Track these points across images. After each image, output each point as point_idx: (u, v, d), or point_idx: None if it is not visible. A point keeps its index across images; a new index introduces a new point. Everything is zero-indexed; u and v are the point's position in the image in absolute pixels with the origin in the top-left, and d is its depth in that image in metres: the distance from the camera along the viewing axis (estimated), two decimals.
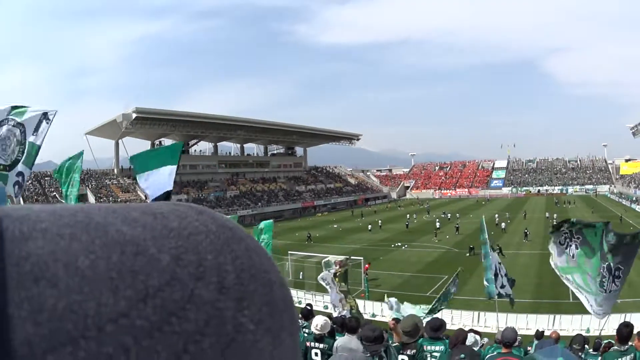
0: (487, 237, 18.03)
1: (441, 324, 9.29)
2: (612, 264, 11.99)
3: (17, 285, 0.38)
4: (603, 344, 11.35)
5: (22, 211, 0.44)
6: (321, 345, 9.18)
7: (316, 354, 9.19)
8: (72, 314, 0.37)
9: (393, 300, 19.18)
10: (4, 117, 11.22)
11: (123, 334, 0.38)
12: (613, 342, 9.75)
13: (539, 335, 15.25)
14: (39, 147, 11.46)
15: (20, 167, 11.25)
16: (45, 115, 11.54)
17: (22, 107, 11.48)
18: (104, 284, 0.40)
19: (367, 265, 38.14)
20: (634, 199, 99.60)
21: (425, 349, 8.36)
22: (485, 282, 17.72)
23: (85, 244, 0.42)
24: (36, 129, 11.52)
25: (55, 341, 0.36)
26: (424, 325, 9.37)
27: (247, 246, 0.52)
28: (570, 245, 12.56)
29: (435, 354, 8.59)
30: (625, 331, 8.50)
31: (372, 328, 8.10)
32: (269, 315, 0.49)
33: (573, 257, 12.57)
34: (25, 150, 11.36)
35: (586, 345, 12.49)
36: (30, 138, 11.47)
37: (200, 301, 0.43)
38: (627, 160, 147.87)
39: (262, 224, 17.55)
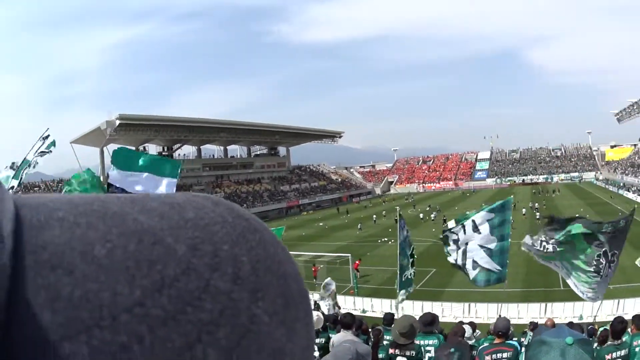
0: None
1: (433, 318, 9.27)
2: (608, 250, 12.06)
3: (34, 273, 0.38)
4: (600, 331, 11.26)
5: (39, 200, 0.45)
6: (317, 340, 9.06)
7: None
8: (87, 303, 0.37)
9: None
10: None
11: (138, 323, 0.38)
12: (608, 329, 9.72)
13: (534, 326, 15.15)
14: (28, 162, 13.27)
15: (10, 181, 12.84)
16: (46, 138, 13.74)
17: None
18: (120, 273, 0.40)
19: (357, 262, 38.00)
20: (621, 184, 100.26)
21: (418, 343, 8.25)
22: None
23: (102, 233, 0.42)
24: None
25: (72, 329, 0.36)
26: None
27: (262, 237, 0.51)
28: (548, 244, 12.67)
29: (429, 348, 8.55)
30: (619, 327, 8.55)
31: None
32: (284, 307, 0.49)
33: (552, 250, 12.67)
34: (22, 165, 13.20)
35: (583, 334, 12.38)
36: (29, 156, 13.28)
37: (215, 291, 0.43)
38: (612, 147, 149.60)
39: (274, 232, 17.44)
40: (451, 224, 15.51)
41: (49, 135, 13.77)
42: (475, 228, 14.96)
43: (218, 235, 0.48)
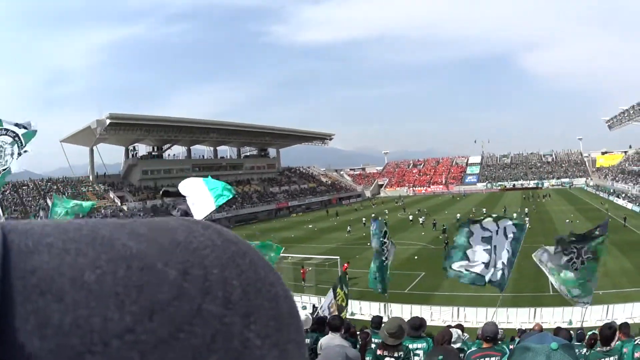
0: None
1: (421, 322, 9.28)
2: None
3: (23, 299, 0.38)
4: (588, 335, 11.20)
5: (27, 225, 0.44)
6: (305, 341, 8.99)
7: None
8: (78, 329, 0.37)
9: None
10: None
11: (129, 349, 0.38)
12: (597, 332, 9.71)
13: (522, 333, 15.09)
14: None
15: None
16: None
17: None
18: (110, 299, 0.40)
19: (345, 265, 37.87)
20: (611, 191, 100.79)
21: (408, 347, 8.12)
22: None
23: (91, 259, 0.42)
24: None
25: (61, 356, 0.36)
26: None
27: (251, 260, 0.52)
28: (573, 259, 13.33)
29: (417, 351, 8.54)
30: (608, 333, 8.48)
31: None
32: (276, 330, 0.49)
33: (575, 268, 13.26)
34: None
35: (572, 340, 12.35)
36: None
37: (207, 316, 0.43)
38: (603, 153, 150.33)
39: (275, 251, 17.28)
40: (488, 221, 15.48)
41: (27, 127, 13.13)
42: (505, 233, 15.17)
43: (208, 259, 0.48)
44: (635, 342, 8.67)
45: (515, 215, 66.75)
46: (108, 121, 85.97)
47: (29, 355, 0.35)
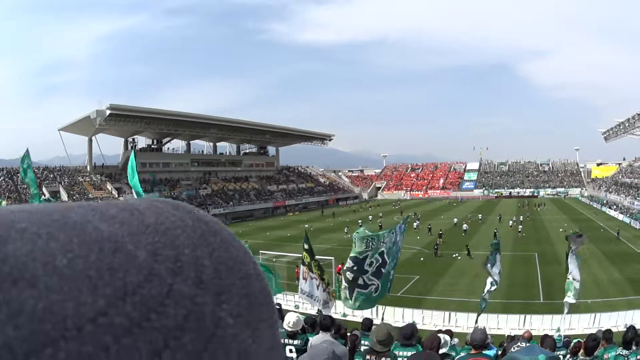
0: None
1: (412, 332, 9.31)
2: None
3: None
4: (573, 342, 11.48)
5: None
6: (295, 342, 9.26)
7: (291, 351, 9.23)
8: (51, 315, 0.37)
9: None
10: None
11: (103, 333, 0.38)
12: (582, 341, 10.04)
13: (511, 339, 15.33)
14: None
15: None
16: None
17: None
18: (82, 283, 0.39)
19: (339, 267, 37.98)
20: (604, 202, 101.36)
21: (397, 354, 8.32)
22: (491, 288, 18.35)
23: (63, 243, 0.41)
24: None
25: (36, 343, 0.36)
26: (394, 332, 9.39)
27: (223, 239, 0.52)
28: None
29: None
30: (592, 344, 8.90)
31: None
32: (248, 309, 0.49)
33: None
34: None
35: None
36: None
37: (179, 296, 0.43)
38: (598, 164, 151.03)
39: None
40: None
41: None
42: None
43: (179, 239, 0.47)
44: (618, 353, 8.99)
45: (511, 222, 67.16)
46: (108, 112, 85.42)
47: (3, 345, 0.35)
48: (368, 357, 8.17)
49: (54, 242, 0.41)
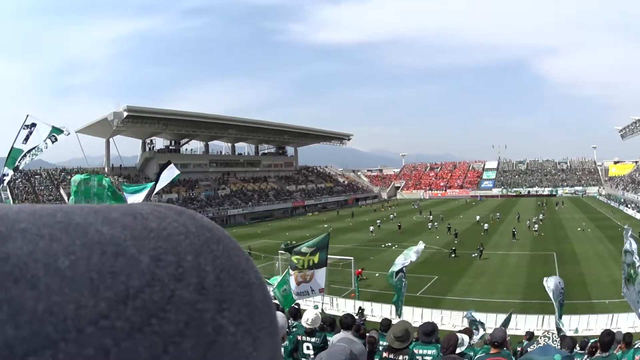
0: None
1: (433, 328, 9.27)
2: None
3: None
4: (590, 343, 11.52)
5: (0, 211, 0.44)
6: (313, 339, 9.28)
7: (308, 348, 9.32)
8: (52, 316, 0.37)
9: None
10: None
11: (103, 336, 0.38)
12: (598, 341, 10.05)
13: (530, 336, 15.34)
14: (23, 152, 14.30)
15: (4, 169, 14.44)
16: (31, 126, 14.28)
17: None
18: (84, 285, 0.39)
19: (359, 271, 38.02)
20: (621, 200, 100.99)
21: (416, 352, 8.33)
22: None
23: (65, 245, 0.41)
24: (26, 139, 14.23)
25: (36, 344, 0.35)
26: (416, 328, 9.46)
27: (225, 247, 0.52)
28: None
29: (427, 357, 8.62)
30: (607, 339, 8.86)
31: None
32: (249, 317, 0.49)
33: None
34: (11, 154, 14.18)
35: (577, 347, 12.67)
36: (17, 145, 14.14)
37: (180, 302, 0.43)
38: (615, 163, 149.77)
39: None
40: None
41: (34, 124, 14.24)
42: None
43: (182, 245, 0.47)
44: (636, 347, 9.04)
45: (528, 222, 66.76)
46: (125, 113, 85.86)
47: (3, 344, 0.35)
48: (385, 354, 8.14)
49: (55, 243, 0.41)
